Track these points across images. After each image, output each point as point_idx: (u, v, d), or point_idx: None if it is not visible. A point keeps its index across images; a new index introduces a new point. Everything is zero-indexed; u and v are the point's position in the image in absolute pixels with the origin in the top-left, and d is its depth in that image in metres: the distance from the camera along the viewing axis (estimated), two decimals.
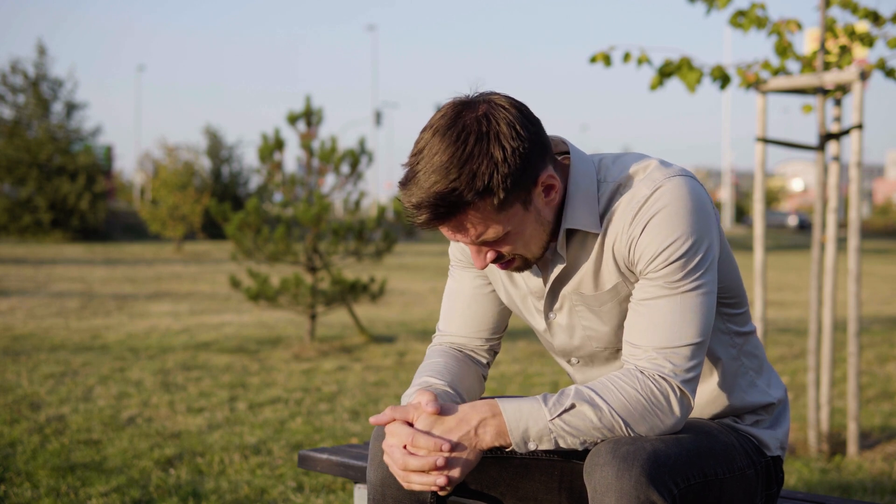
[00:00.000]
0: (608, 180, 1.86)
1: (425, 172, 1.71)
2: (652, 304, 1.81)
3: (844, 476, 4.31)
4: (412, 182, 1.73)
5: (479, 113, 1.73)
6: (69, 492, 3.85)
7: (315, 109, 8.57)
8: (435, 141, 1.72)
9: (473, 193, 1.71)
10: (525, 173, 1.74)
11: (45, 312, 10.85)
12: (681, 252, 1.78)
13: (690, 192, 1.80)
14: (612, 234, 1.84)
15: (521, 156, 1.72)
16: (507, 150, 1.71)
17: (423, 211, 1.73)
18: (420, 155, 1.73)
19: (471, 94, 1.79)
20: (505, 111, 1.73)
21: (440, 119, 1.74)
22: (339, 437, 4.91)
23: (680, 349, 1.79)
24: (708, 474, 1.82)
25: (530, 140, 1.74)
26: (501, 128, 1.71)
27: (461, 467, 1.78)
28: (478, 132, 1.71)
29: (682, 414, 1.81)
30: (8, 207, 32.62)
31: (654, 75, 4.98)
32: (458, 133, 1.71)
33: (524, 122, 1.74)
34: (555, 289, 1.93)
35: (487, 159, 1.70)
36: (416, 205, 1.73)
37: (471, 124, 1.71)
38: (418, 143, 1.75)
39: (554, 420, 1.76)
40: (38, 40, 36.84)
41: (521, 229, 1.80)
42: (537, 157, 1.76)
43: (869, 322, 10.65)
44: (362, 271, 15.09)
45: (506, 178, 1.71)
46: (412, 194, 1.73)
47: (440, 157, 1.70)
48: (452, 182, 1.70)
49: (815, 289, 4.84)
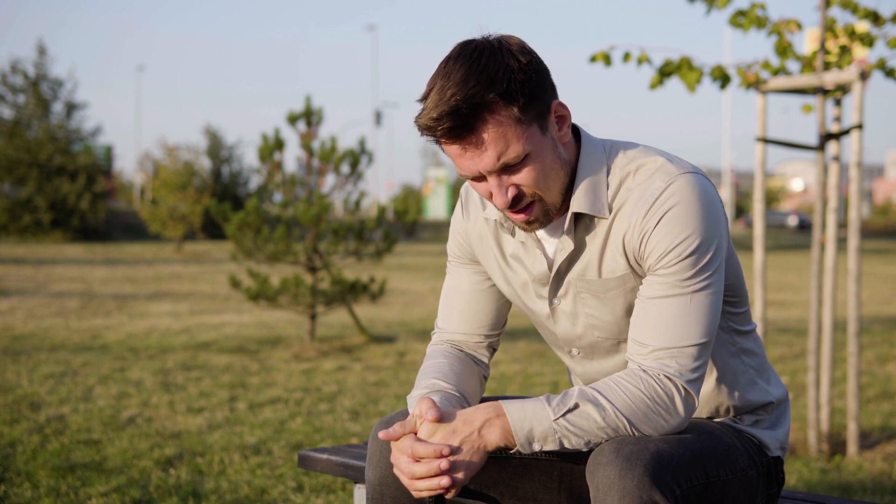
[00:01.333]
0: (618, 166, 1.86)
1: (442, 90, 1.72)
2: (660, 303, 1.80)
3: (844, 476, 4.31)
4: (430, 99, 1.73)
5: (490, 40, 1.77)
6: (69, 492, 3.85)
7: (315, 109, 8.57)
8: (448, 66, 1.74)
9: (494, 94, 1.71)
10: (539, 88, 1.76)
11: (45, 312, 10.85)
12: (692, 249, 1.78)
13: (704, 191, 1.81)
14: (622, 223, 1.83)
15: (535, 70, 1.75)
16: (522, 62, 1.74)
17: (444, 120, 1.71)
18: (435, 83, 1.74)
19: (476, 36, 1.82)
20: (513, 38, 1.78)
21: (450, 53, 1.77)
22: (339, 437, 4.91)
23: (686, 349, 1.79)
24: (710, 475, 1.82)
25: (540, 63, 1.78)
26: (512, 46, 1.75)
27: (465, 470, 1.78)
28: (490, 49, 1.74)
29: (686, 414, 1.81)
30: (8, 207, 32.64)
31: (654, 75, 4.98)
32: (471, 53, 1.74)
33: (532, 51, 1.78)
34: (560, 273, 1.93)
35: (503, 67, 1.72)
36: (437, 116, 1.72)
37: (483, 45, 1.75)
38: (431, 78, 1.76)
39: (558, 420, 1.76)
40: (38, 40, 36.90)
41: (540, 154, 1.78)
42: (548, 81, 1.79)
43: (869, 322, 10.65)
44: (362, 271, 15.09)
45: (523, 85, 1.73)
46: (431, 110, 1.72)
47: (456, 75, 1.72)
48: (472, 88, 1.70)
49: (815, 289, 4.84)
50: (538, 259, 1.94)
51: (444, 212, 54.76)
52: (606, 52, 4.99)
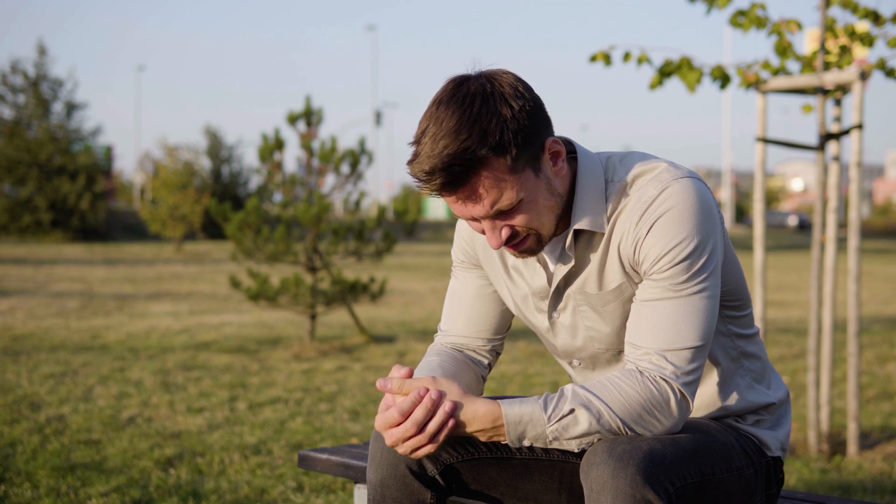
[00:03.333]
0: (615, 180, 1.86)
1: (434, 139, 1.70)
2: (655, 305, 1.80)
3: (844, 476, 4.31)
4: (422, 150, 1.71)
5: (481, 81, 1.74)
6: (69, 492, 3.85)
7: (315, 109, 8.57)
8: (440, 111, 1.71)
9: (486, 149, 1.69)
10: (533, 131, 1.74)
11: (45, 312, 10.85)
12: (686, 253, 1.78)
13: (697, 195, 1.80)
14: (618, 233, 1.84)
15: (528, 113, 1.73)
16: (515, 108, 1.71)
17: (437, 175, 1.71)
18: (426, 129, 1.72)
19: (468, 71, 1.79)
20: (506, 77, 1.75)
21: (441, 93, 1.74)
22: (339, 437, 4.91)
23: (681, 351, 1.79)
24: (705, 473, 1.82)
25: (534, 101, 1.75)
26: (505, 89, 1.72)
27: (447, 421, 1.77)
28: (482, 94, 1.71)
29: (681, 416, 1.81)
30: (8, 207, 32.63)
31: (653, 75, 4.98)
32: (463, 98, 1.71)
33: (525, 85, 1.76)
34: (560, 288, 1.93)
35: (496, 117, 1.70)
36: (429, 171, 1.71)
37: (475, 90, 1.72)
38: (423, 119, 1.74)
39: (552, 426, 1.76)
40: (38, 40, 36.89)
41: (534, 197, 1.78)
42: (542, 120, 1.77)
43: (869, 322, 10.65)
44: (362, 271, 15.09)
45: (516, 134, 1.71)
46: (423, 162, 1.71)
47: (448, 123, 1.69)
48: (464, 142, 1.68)
49: (815, 289, 4.84)
50: (538, 273, 1.95)
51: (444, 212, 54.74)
52: (606, 52, 4.99)
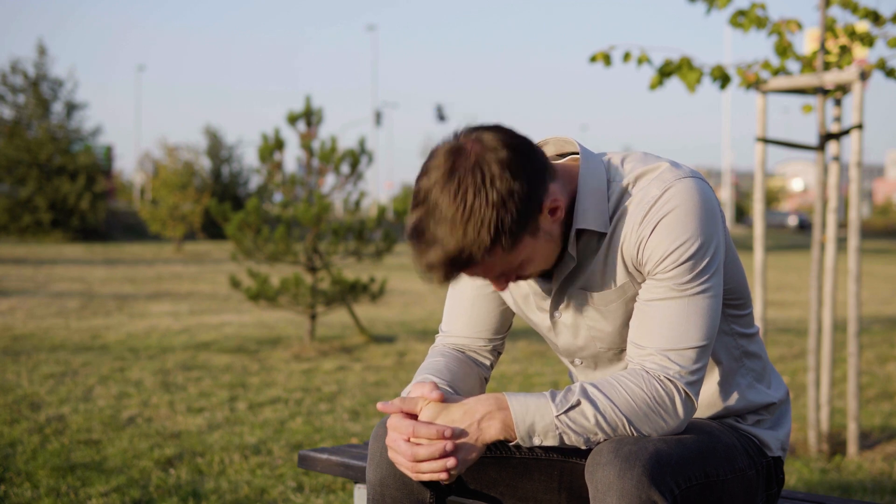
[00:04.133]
0: (617, 180, 1.86)
1: (432, 234, 1.71)
2: (659, 305, 1.81)
3: (844, 476, 4.31)
4: (421, 242, 1.73)
5: (471, 161, 1.70)
6: (69, 492, 3.85)
7: (315, 109, 8.57)
8: (434, 195, 1.71)
9: (483, 251, 1.71)
10: (528, 210, 1.73)
11: (45, 312, 10.85)
12: (690, 253, 1.78)
13: (700, 194, 1.80)
14: (620, 232, 1.83)
15: (521, 196, 1.71)
16: (506, 197, 1.70)
17: (436, 272, 1.75)
18: (423, 209, 1.72)
19: (460, 132, 1.77)
20: (497, 153, 1.71)
21: (435, 170, 1.73)
22: (339, 437, 4.91)
23: (685, 351, 1.80)
24: (710, 475, 1.82)
25: (526, 176, 1.72)
26: (496, 173, 1.70)
27: (463, 458, 1.79)
28: (475, 185, 1.69)
29: (686, 416, 1.81)
30: (8, 207, 32.64)
31: (653, 75, 4.98)
32: (457, 189, 1.69)
33: (516, 159, 1.72)
34: (562, 287, 1.93)
35: (490, 209, 1.69)
36: (429, 266, 1.74)
37: (465, 177, 1.69)
38: (417, 194, 1.74)
39: (560, 416, 1.76)
40: (38, 40, 36.95)
41: (533, 255, 1.80)
42: (537, 187, 1.75)
43: (869, 322, 10.65)
44: (362, 271, 15.09)
45: (511, 223, 1.71)
46: (422, 256, 1.74)
47: (443, 214, 1.70)
48: (459, 242, 1.70)
49: (815, 289, 4.84)
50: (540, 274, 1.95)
51: None
52: (606, 52, 4.99)
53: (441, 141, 1.78)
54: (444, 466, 1.77)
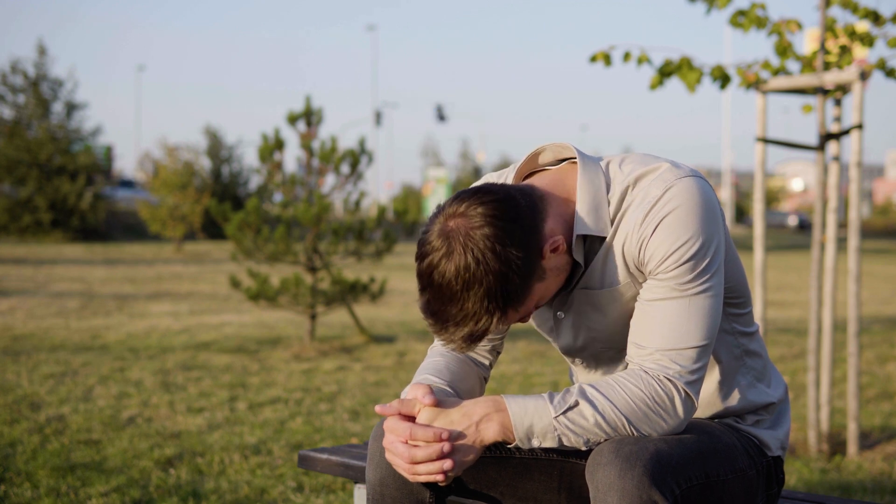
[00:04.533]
0: (617, 182, 1.86)
1: (445, 313, 1.76)
2: (660, 305, 1.81)
3: (844, 476, 4.31)
4: (436, 320, 1.78)
5: (462, 245, 1.72)
6: (69, 492, 3.85)
7: (315, 109, 8.57)
8: (437, 280, 1.74)
9: (497, 318, 1.75)
10: (529, 268, 1.76)
11: (45, 312, 10.85)
12: (691, 253, 1.78)
13: (701, 194, 1.80)
14: (622, 233, 1.84)
15: (517, 263, 1.73)
16: (504, 268, 1.72)
17: (460, 345, 1.80)
18: (431, 293, 1.76)
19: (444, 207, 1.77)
20: (483, 230, 1.72)
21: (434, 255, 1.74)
22: (339, 437, 4.91)
23: (686, 351, 1.80)
24: (710, 475, 1.82)
25: (517, 241, 1.73)
26: (490, 256, 1.71)
27: (460, 460, 1.79)
28: (475, 274, 1.71)
29: (686, 416, 1.81)
30: (8, 207, 32.61)
31: (654, 75, 4.98)
32: (456, 275, 1.72)
33: (503, 229, 1.73)
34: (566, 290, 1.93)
35: (495, 285, 1.72)
36: (451, 342, 1.79)
37: (463, 270, 1.72)
38: (422, 279, 1.77)
39: (558, 417, 1.76)
40: (38, 40, 36.90)
41: (546, 292, 1.84)
42: (531, 244, 1.76)
43: (869, 322, 10.65)
44: (362, 271, 15.09)
45: (518, 288, 1.75)
46: (442, 333, 1.79)
47: (452, 298, 1.74)
48: (477, 323, 1.75)
49: (815, 289, 4.84)
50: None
51: None
52: (606, 52, 4.99)
53: (430, 219, 1.79)
54: (441, 468, 1.78)
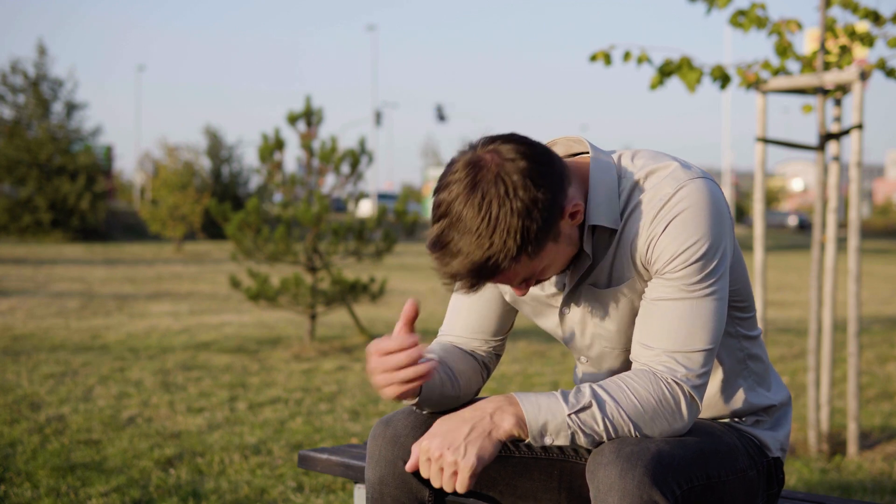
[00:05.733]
0: (628, 176, 1.86)
1: (455, 243, 1.71)
2: (666, 305, 1.80)
3: (844, 476, 4.31)
4: (445, 252, 1.73)
5: (493, 173, 1.71)
6: (69, 492, 3.85)
7: (315, 109, 8.57)
8: (457, 207, 1.71)
9: (509, 259, 1.71)
10: (551, 217, 1.74)
11: (45, 312, 10.85)
12: (700, 254, 1.78)
13: (712, 196, 1.80)
14: (630, 229, 1.83)
15: (544, 204, 1.72)
16: (530, 205, 1.70)
17: (463, 282, 1.75)
18: (445, 220, 1.72)
19: (477, 144, 1.76)
20: (516, 163, 1.71)
21: (455, 183, 1.72)
22: (339, 437, 4.91)
23: (693, 354, 1.79)
24: (711, 475, 1.82)
25: (547, 183, 1.73)
26: (517, 182, 1.70)
27: (477, 456, 1.75)
28: (498, 196, 1.69)
29: (690, 419, 1.82)
30: (8, 207, 32.62)
31: (654, 75, 4.98)
32: (480, 201, 1.69)
33: (536, 168, 1.72)
34: (574, 285, 1.93)
35: (515, 219, 1.69)
36: (454, 275, 1.74)
37: (488, 188, 1.70)
38: (438, 206, 1.74)
39: (572, 416, 1.76)
40: (38, 40, 36.95)
41: (555, 259, 1.81)
42: (558, 194, 1.75)
43: (869, 322, 10.65)
44: (362, 271, 15.09)
45: (536, 232, 1.71)
46: (446, 264, 1.74)
47: (467, 225, 1.70)
48: (486, 251, 1.70)
49: (815, 289, 4.84)
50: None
51: None
52: (606, 52, 4.99)
53: (458, 153, 1.77)
54: (418, 373, 1.78)
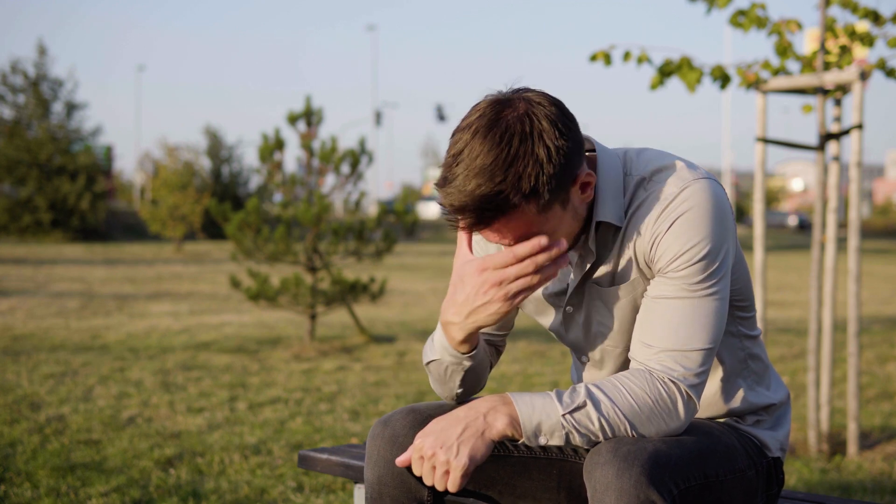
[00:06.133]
0: (633, 174, 1.85)
1: (467, 175, 1.66)
2: (668, 304, 1.80)
3: (844, 476, 4.31)
4: (453, 184, 1.68)
5: (519, 111, 1.69)
6: (69, 492, 3.85)
7: (315, 109, 8.57)
8: (476, 142, 1.67)
9: (520, 196, 1.67)
10: (567, 173, 1.71)
11: (45, 312, 10.85)
12: (703, 254, 1.78)
13: (716, 197, 1.80)
14: (634, 228, 1.83)
15: (565, 155, 1.69)
16: (552, 150, 1.67)
17: (468, 215, 1.70)
18: (460, 156, 1.68)
19: (506, 91, 1.74)
20: (545, 108, 1.70)
21: (479, 119, 1.69)
22: (339, 437, 4.91)
23: (691, 353, 1.79)
24: (709, 475, 1.82)
25: (571, 138, 1.71)
26: (544, 126, 1.68)
27: (469, 457, 1.75)
28: (521, 132, 1.67)
29: (687, 418, 1.81)
30: (8, 207, 32.63)
31: (654, 75, 4.98)
32: (502, 133, 1.66)
33: (564, 119, 1.71)
34: (579, 282, 1.93)
35: (533, 160, 1.66)
36: (460, 208, 1.69)
37: (513, 124, 1.67)
38: (456, 143, 1.70)
39: (566, 416, 1.75)
40: (38, 40, 36.96)
41: (558, 227, 1.78)
42: (577, 155, 1.74)
43: (869, 322, 10.65)
44: (362, 271, 15.08)
45: (551, 179, 1.68)
46: (454, 197, 1.68)
47: (483, 159, 1.66)
48: (498, 185, 1.66)
49: (815, 289, 4.84)
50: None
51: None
52: (606, 52, 4.99)
53: (484, 96, 1.75)
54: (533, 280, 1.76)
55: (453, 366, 1.93)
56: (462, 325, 1.83)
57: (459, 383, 1.97)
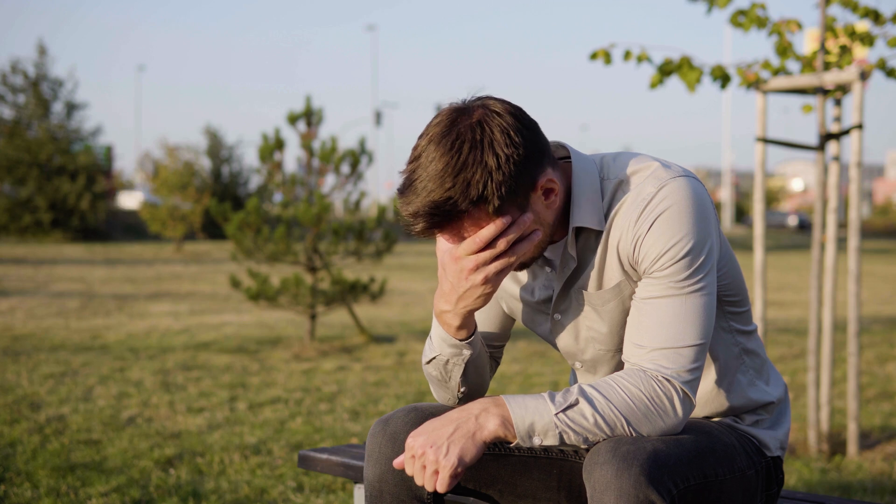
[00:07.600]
0: (610, 178, 1.87)
1: (421, 181, 1.73)
2: (656, 304, 1.81)
3: (844, 476, 4.31)
4: (409, 191, 1.75)
5: (473, 120, 1.74)
6: (69, 492, 3.85)
7: (315, 109, 8.57)
8: (430, 149, 1.74)
9: (468, 202, 1.72)
10: (520, 179, 1.75)
11: (45, 312, 10.85)
12: (686, 251, 1.79)
13: (694, 193, 1.81)
14: (616, 231, 1.84)
15: (516, 163, 1.73)
16: (502, 158, 1.72)
17: (420, 220, 1.75)
18: (416, 163, 1.75)
19: (467, 99, 1.79)
20: (499, 117, 1.74)
21: (435, 126, 1.76)
22: (339, 437, 4.91)
23: (683, 350, 1.80)
24: (708, 475, 1.82)
25: (525, 146, 1.74)
26: (495, 135, 1.72)
27: (458, 459, 1.76)
28: (472, 140, 1.72)
29: (684, 415, 1.81)
30: (8, 207, 32.61)
31: (654, 74, 4.98)
32: (453, 141, 1.72)
33: (519, 127, 1.75)
34: (562, 289, 1.93)
35: (481, 168, 1.71)
36: (413, 213, 1.75)
37: (465, 132, 1.72)
38: (414, 150, 1.76)
39: (559, 415, 1.76)
40: (38, 40, 36.87)
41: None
42: (534, 162, 1.76)
43: (869, 322, 10.64)
44: (362, 271, 15.08)
45: (500, 186, 1.72)
46: (409, 203, 1.75)
47: (435, 166, 1.72)
48: (447, 191, 1.71)
49: (815, 289, 4.84)
50: (542, 274, 1.95)
51: None
52: (607, 50, 4.99)
53: (448, 104, 1.80)
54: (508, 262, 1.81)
55: (454, 358, 1.94)
56: (454, 311, 1.88)
57: (461, 381, 1.97)
